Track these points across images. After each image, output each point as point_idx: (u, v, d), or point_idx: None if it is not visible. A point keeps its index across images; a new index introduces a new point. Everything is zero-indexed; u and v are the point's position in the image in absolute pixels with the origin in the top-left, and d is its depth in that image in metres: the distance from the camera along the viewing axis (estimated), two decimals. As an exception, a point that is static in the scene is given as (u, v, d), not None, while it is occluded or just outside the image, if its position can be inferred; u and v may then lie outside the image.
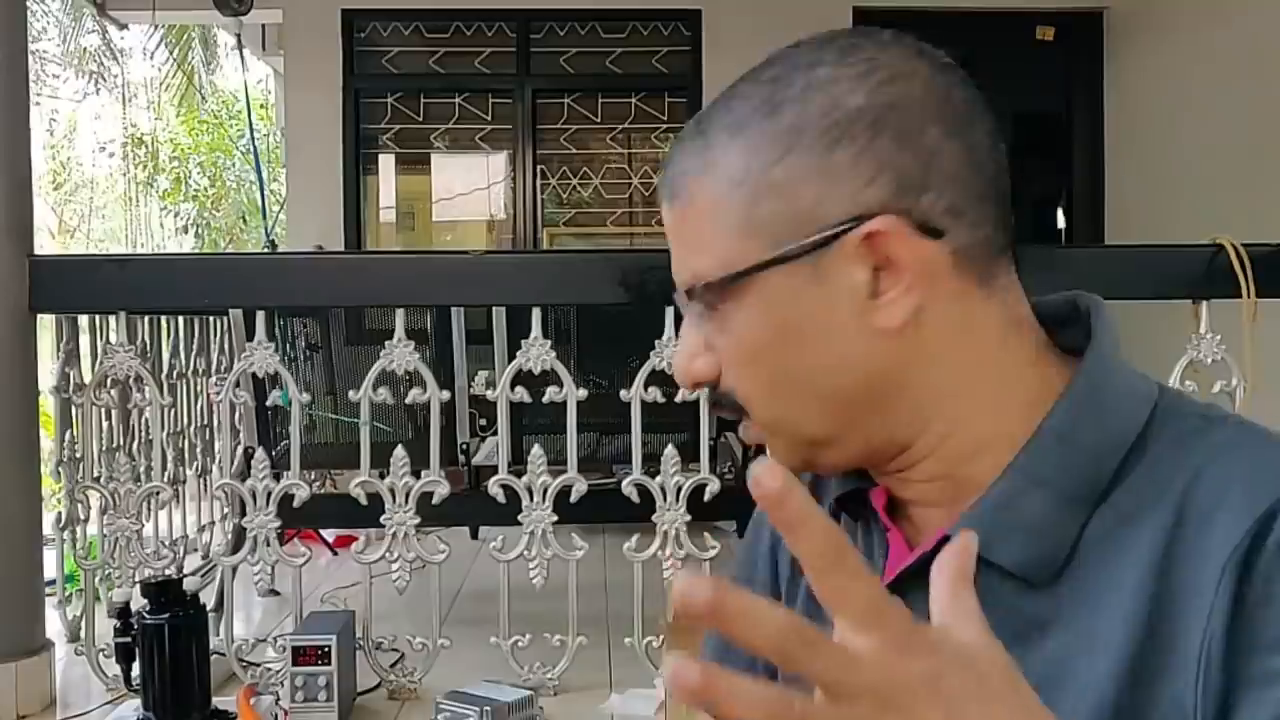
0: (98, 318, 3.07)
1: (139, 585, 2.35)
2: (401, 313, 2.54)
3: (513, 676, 2.52)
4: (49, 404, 2.87)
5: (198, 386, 3.90)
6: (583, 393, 2.56)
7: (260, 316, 2.56)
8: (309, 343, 3.45)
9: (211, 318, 3.88)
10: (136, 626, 2.26)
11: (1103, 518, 0.64)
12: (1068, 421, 0.66)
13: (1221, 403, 2.49)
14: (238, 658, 2.59)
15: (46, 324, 2.83)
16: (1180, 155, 5.05)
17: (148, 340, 3.49)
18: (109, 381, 2.70)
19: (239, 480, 2.62)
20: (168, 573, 2.51)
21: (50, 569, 2.85)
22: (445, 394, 2.58)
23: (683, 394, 2.55)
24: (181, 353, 3.68)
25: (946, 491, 0.69)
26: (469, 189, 6.17)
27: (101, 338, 3.05)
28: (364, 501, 2.54)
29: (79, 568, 2.80)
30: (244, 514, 2.59)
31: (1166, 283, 2.58)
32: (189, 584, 2.30)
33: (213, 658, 2.34)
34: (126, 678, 2.35)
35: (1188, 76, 5.03)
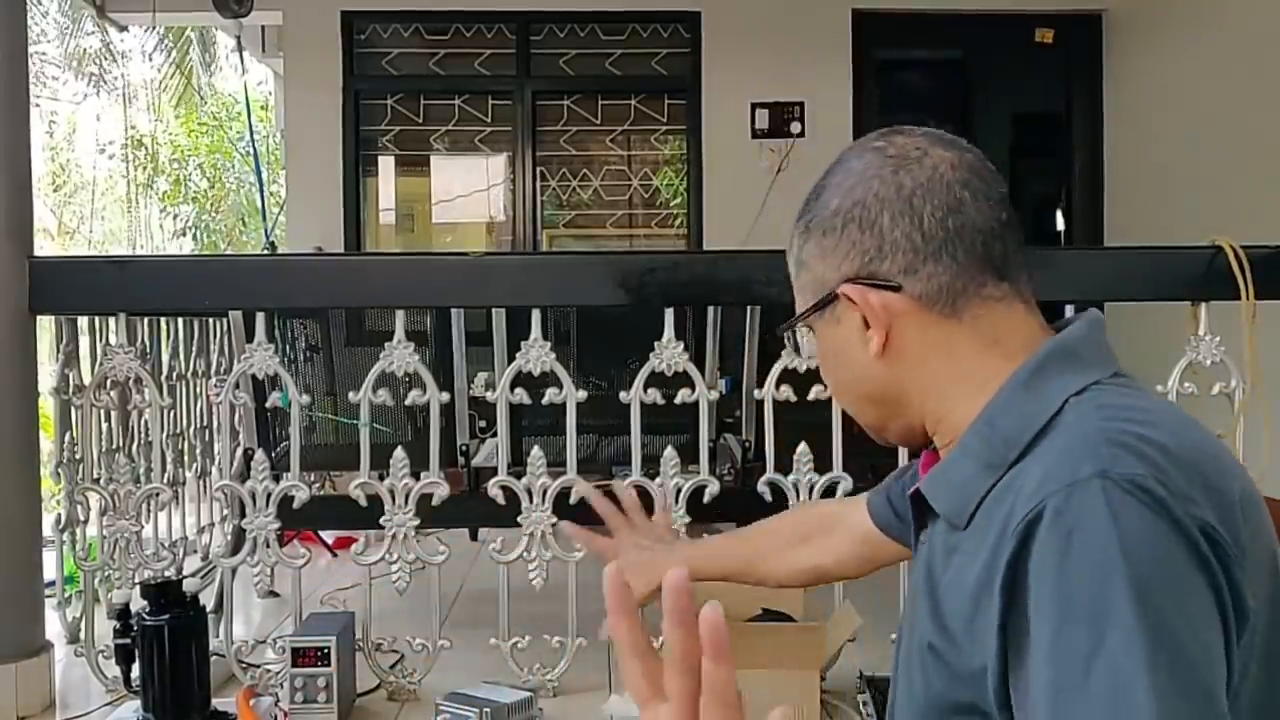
0: (97, 319, 3.07)
1: (139, 586, 2.35)
2: (401, 314, 2.55)
3: (512, 678, 2.52)
4: (49, 405, 2.87)
5: (197, 388, 3.89)
6: (582, 394, 2.56)
7: (260, 318, 2.56)
8: (309, 344, 3.44)
9: (211, 319, 3.88)
10: (136, 628, 2.26)
11: (1001, 485, 0.86)
12: (995, 409, 0.91)
13: (1221, 404, 2.49)
14: (237, 659, 2.60)
15: (46, 325, 2.83)
16: (1179, 157, 5.06)
17: (147, 342, 3.49)
18: (109, 383, 2.70)
19: (239, 482, 2.62)
20: (167, 574, 2.50)
21: (50, 570, 2.84)
22: (445, 395, 2.58)
23: (682, 395, 2.56)
24: (181, 354, 3.69)
25: None
26: (469, 191, 6.17)
27: (101, 339, 3.05)
28: (364, 503, 2.54)
29: (79, 569, 2.80)
30: (243, 515, 2.59)
31: (1165, 284, 2.57)
32: (189, 585, 2.30)
33: (212, 659, 2.34)
34: (126, 679, 2.35)
35: (1186, 78, 5.04)
